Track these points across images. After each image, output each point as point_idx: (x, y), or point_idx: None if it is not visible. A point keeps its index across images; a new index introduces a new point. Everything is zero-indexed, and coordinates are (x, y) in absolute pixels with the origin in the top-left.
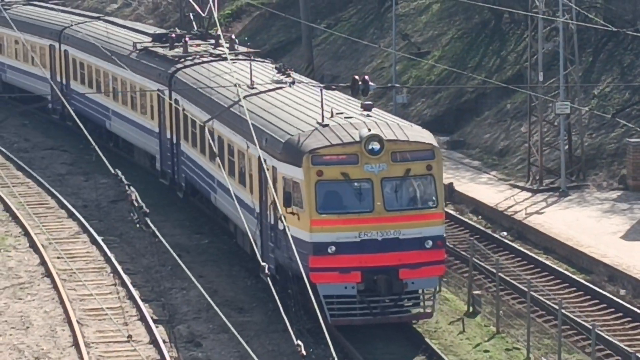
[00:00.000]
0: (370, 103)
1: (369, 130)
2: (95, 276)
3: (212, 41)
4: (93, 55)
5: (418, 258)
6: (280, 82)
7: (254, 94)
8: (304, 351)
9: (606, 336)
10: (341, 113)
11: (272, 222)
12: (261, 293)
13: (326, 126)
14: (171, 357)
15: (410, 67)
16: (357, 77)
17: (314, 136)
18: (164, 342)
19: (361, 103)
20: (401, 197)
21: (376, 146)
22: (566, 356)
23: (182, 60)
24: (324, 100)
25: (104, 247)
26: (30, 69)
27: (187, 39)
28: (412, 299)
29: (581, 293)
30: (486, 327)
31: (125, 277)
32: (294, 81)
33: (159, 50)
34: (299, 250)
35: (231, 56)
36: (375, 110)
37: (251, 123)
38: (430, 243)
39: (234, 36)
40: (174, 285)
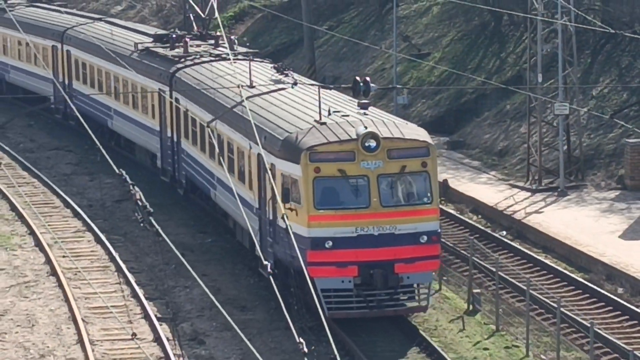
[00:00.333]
0: (367, 102)
1: (366, 128)
2: (100, 275)
3: (212, 41)
4: (95, 56)
5: (413, 253)
6: (282, 83)
7: (256, 94)
8: (305, 348)
9: (604, 334)
10: (338, 111)
11: (271, 217)
12: (263, 291)
13: (324, 124)
14: (175, 354)
15: (411, 68)
16: (358, 78)
17: (312, 134)
18: (168, 339)
19: (358, 102)
20: (397, 193)
21: (372, 143)
22: (565, 354)
23: (183, 60)
24: (321, 99)
25: (109, 246)
26: (34, 69)
27: (187, 40)
28: (407, 293)
29: (579, 291)
30: (486, 325)
31: (129, 276)
32: (296, 82)
33: (160, 51)
34: (297, 245)
35: (231, 56)
36: (372, 109)
37: (253, 123)
38: (425, 238)
39: (233, 37)
40: (178, 284)
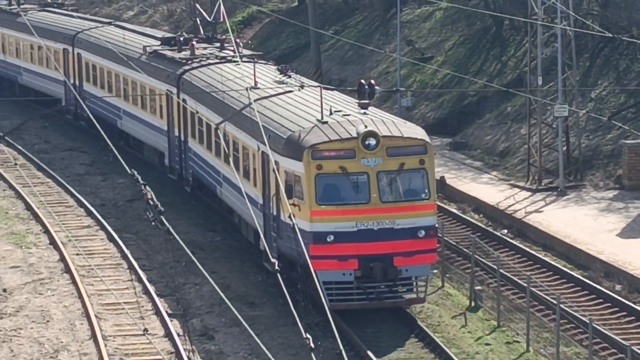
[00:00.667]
0: (367, 102)
1: (366, 127)
2: (113, 272)
3: (218, 44)
4: (105, 58)
5: (411, 247)
6: (285, 84)
7: (264, 97)
8: (312, 344)
9: (602, 330)
10: (339, 111)
11: (275, 213)
12: (271, 288)
13: (325, 123)
14: (185, 349)
15: (415, 71)
16: (363, 81)
17: (314, 132)
18: (178, 335)
19: (358, 102)
20: (396, 190)
21: (372, 142)
22: (564, 349)
23: (190, 62)
24: (323, 100)
25: (121, 244)
26: (45, 71)
27: (194, 42)
28: (405, 285)
29: (579, 288)
30: (487, 321)
31: (141, 273)
32: (302, 85)
33: (168, 53)
34: (303, 240)
35: (236, 58)
36: (371, 109)
37: (261, 125)
38: (423, 232)
39: (238, 40)
40: (188, 281)
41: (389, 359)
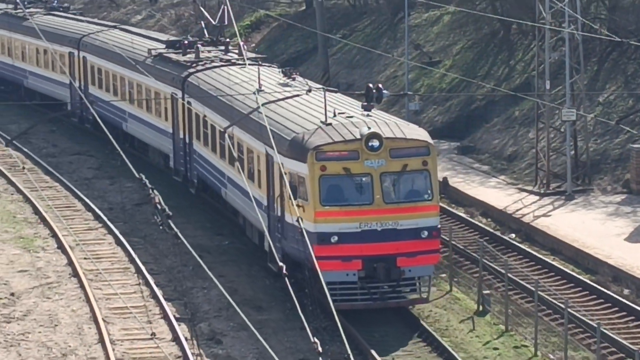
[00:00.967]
0: (371, 104)
1: (369, 129)
2: (120, 276)
3: (222, 47)
4: (110, 62)
5: (414, 247)
6: (290, 86)
7: (271, 101)
8: (320, 348)
9: (610, 334)
10: (343, 113)
11: (279, 214)
12: (279, 292)
13: (329, 125)
14: (193, 353)
15: (422, 75)
16: (371, 85)
17: (318, 134)
18: (186, 339)
19: (362, 104)
20: (399, 191)
21: (375, 143)
22: (572, 353)
23: (195, 65)
24: (327, 102)
25: (129, 248)
26: (51, 74)
27: (199, 45)
28: (409, 286)
29: (586, 293)
30: (495, 326)
31: (149, 277)
32: (310, 89)
33: (173, 56)
34: (306, 240)
35: (240, 61)
36: (375, 111)
37: (269, 129)
38: (426, 233)
39: (242, 43)
40: (196, 285)
41: None
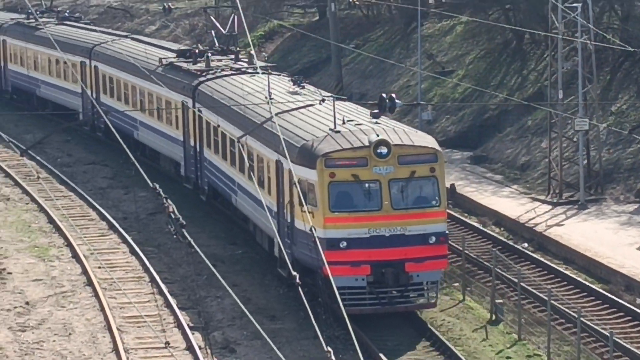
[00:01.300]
0: (379, 112)
1: (378, 136)
2: (135, 285)
3: (232, 56)
4: (122, 71)
5: (422, 253)
6: (310, 98)
7: (285, 111)
8: (333, 357)
9: (623, 343)
10: (352, 120)
11: (289, 220)
12: (292, 301)
13: (338, 132)
14: None
15: (435, 85)
16: (384, 95)
17: (327, 141)
18: (200, 348)
19: (370, 111)
20: (407, 197)
21: (384, 150)
22: None
23: (205, 74)
24: (336, 110)
25: (143, 257)
26: (63, 84)
27: (209, 54)
28: (417, 290)
29: (599, 302)
30: (508, 335)
31: (162, 286)
32: (323, 99)
33: (183, 65)
34: (313, 245)
35: (250, 70)
36: (383, 118)
37: (282, 138)
38: (434, 239)
39: (252, 52)
40: (209, 294)
41: None
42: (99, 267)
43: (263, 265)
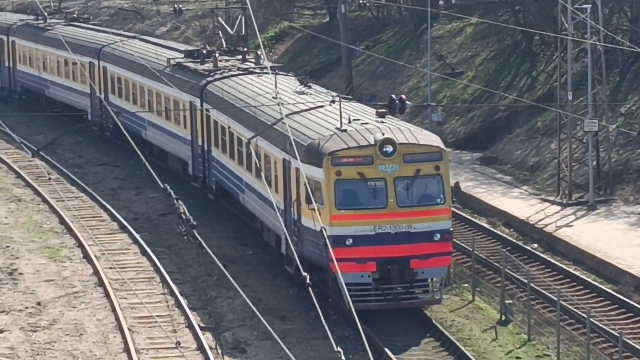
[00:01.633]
0: (385, 110)
1: (383, 135)
2: (146, 285)
3: (240, 56)
4: (130, 71)
5: (427, 250)
6: (320, 99)
7: (296, 112)
8: (343, 357)
9: (633, 344)
10: (358, 119)
11: (295, 217)
12: (303, 302)
13: (344, 131)
14: None
15: (445, 86)
16: (394, 96)
17: (333, 140)
18: (211, 348)
19: (376, 111)
20: (412, 195)
21: (389, 149)
22: None
23: (213, 74)
24: (342, 109)
25: (154, 257)
26: (71, 84)
27: (216, 55)
28: (422, 287)
29: (609, 302)
30: (518, 335)
31: (173, 287)
32: (334, 100)
33: (191, 65)
34: (320, 242)
35: (257, 70)
36: (389, 117)
37: (292, 139)
38: (439, 236)
39: (259, 52)
40: (220, 294)
41: None
42: (110, 268)
43: (273, 266)
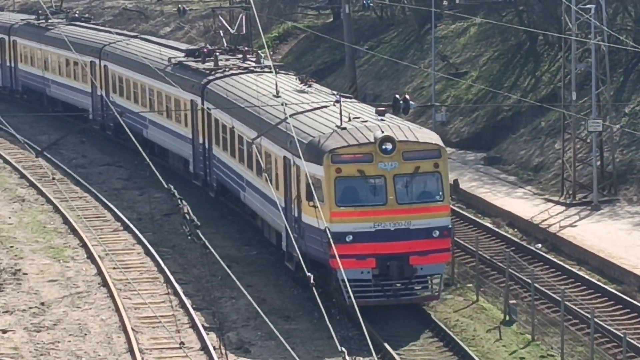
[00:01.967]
0: (384, 109)
1: (383, 132)
2: (149, 286)
3: (240, 56)
4: (131, 70)
5: (426, 246)
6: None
7: (300, 112)
8: (347, 357)
9: (637, 344)
10: (358, 117)
11: (296, 214)
12: (306, 302)
13: (344, 129)
14: None
15: (449, 86)
16: (398, 96)
17: (333, 137)
18: (214, 348)
19: (376, 109)
20: (411, 192)
21: (389, 146)
22: None
23: (213, 72)
24: (342, 107)
25: (158, 258)
26: (73, 83)
27: (217, 54)
28: (421, 283)
29: (613, 302)
30: (522, 335)
31: (177, 287)
32: (338, 100)
33: (192, 64)
34: (320, 239)
35: (258, 69)
36: (388, 115)
37: (297, 140)
38: (437, 233)
39: (260, 51)
40: (224, 295)
41: None
42: (114, 268)
43: (277, 266)
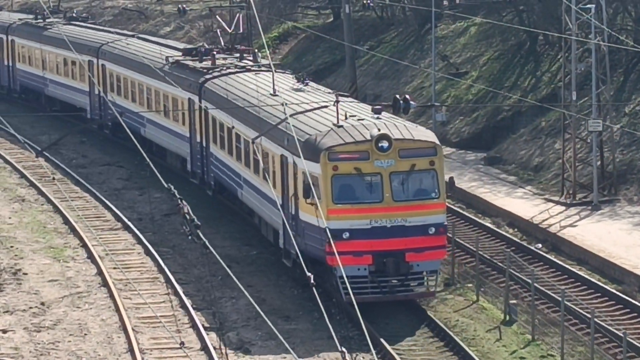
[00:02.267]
0: (380, 107)
1: (379, 130)
2: (150, 286)
3: (237, 55)
4: (129, 69)
5: (422, 243)
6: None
7: (300, 112)
8: (348, 357)
9: (637, 344)
10: (354, 116)
11: (293, 212)
12: (307, 302)
13: (341, 127)
14: None
15: (449, 86)
16: (398, 96)
17: (330, 135)
18: (215, 348)
19: (372, 107)
20: (407, 189)
21: (385, 144)
22: None
23: (211, 71)
24: (339, 106)
25: (158, 258)
26: (71, 82)
27: (214, 53)
28: (417, 280)
29: (613, 302)
30: (522, 335)
31: (177, 287)
32: (337, 100)
33: (189, 63)
34: (317, 236)
35: (254, 68)
36: (385, 114)
37: (297, 139)
38: (433, 230)
39: (256, 50)
40: (224, 295)
41: None
42: (114, 268)
43: (277, 266)
